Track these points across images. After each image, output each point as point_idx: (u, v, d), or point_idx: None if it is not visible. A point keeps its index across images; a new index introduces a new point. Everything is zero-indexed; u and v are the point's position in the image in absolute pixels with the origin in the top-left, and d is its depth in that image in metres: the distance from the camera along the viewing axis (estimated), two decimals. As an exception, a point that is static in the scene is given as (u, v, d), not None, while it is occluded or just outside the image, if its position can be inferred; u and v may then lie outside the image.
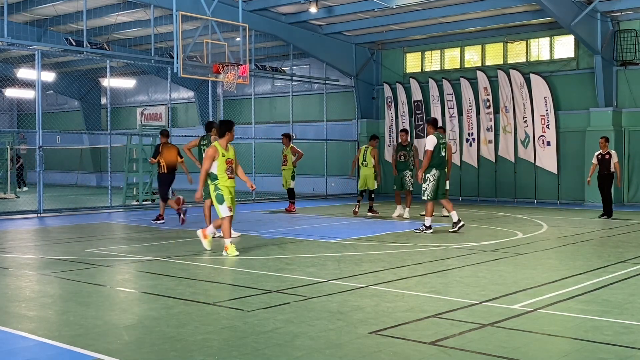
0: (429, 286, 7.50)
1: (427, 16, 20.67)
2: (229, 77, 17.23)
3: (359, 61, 24.59)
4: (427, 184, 12.77)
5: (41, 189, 16.67)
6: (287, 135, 18.17)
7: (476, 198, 22.08)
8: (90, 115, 32.67)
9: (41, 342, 5.34)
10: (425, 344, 5.21)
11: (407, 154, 15.86)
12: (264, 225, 14.50)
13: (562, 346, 5.27)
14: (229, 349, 5.12)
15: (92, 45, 19.52)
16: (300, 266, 8.90)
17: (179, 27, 16.51)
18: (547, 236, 12.29)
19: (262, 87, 27.05)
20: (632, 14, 19.36)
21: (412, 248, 10.68)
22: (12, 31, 19.01)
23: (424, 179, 12.81)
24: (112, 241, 11.90)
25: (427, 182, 12.77)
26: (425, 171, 12.77)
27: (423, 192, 12.84)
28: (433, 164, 12.75)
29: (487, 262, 9.23)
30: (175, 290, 7.31)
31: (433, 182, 12.74)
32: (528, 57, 21.69)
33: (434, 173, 12.74)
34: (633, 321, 5.94)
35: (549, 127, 20.35)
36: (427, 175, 12.76)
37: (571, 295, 7.06)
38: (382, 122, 24.65)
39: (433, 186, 12.73)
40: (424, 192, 12.80)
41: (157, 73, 27.60)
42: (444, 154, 12.89)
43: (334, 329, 5.66)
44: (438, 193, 12.83)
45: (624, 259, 9.44)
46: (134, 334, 5.59)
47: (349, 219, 15.81)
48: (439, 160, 12.79)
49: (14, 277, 8.28)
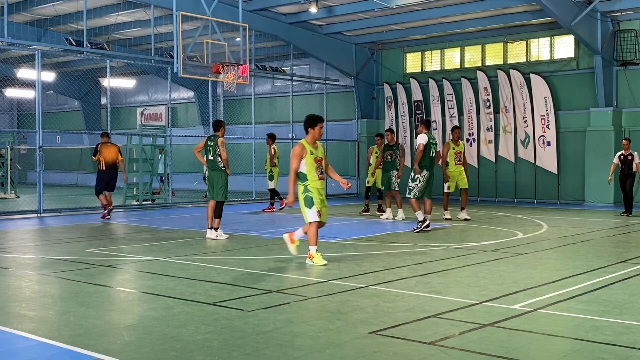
0: (429, 286, 7.50)
1: (427, 16, 20.67)
2: (229, 77, 17.24)
3: (359, 61, 24.59)
4: (415, 183, 12.87)
5: (41, 189, 16.67)
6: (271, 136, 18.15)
7: (476, 198, 22.08)
8: (90, 115, 32.68)
9: (41, 342, 5.34)
10: (425, 344, 5.21)
11: (393, 154, 15.79)
12: (264, 225, 14.50)
13: (562, 346, 5.27)
14: (229, 349, 5.11)
15: (92, 45, 19.53)
16: (301, 266, 8.90)
17: (179, 27, 16.52)
18: (547, 236, 12.29)
19: (262, 87, 27.06)
20: (632, 14, 19.37)
21: (412, 248, 10.67)
22: (12, 31, 19.03)
23: (413, 178, 12.90)
24: (112, 241, 11.89)
25: (416, 181, 12.87)
26: (415, 171, 12.88)
27: (409, 190, 12.94)
28: (423, 165, 12.83)
29: (487, 262, 9.23)
30: (175, 290, 7.31)
31: (422, 183, 12.86)
32: (528, 57, 21.69)
33: (424, 174, 12.85)
34: (633, 321, 5.93)
35: (549, 127, 20.36)
36: (417, 175, 12.85)
37: (571, 295, 7.05)
38: (382, 122, 24.65)
39: (422, 186, 12.87)
40: (411, 190, 12.91)
41: (157, 73, 27.61)
42: (433, 154, 12.99)
43: (334, 329, 5.66)
44: (425, 193, 13.00)
45: (624, 259, 9.44)
46: (134, 334, 5.58)
47: (349, 219, 15.80)
48: (428, 161, 12.89)
49: (14, 277, 8.28)
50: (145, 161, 19.99)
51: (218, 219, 11.88)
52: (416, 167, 12.90)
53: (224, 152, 11.87)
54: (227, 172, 11.99)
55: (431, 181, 13.08)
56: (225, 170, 11.94)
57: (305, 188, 8.96)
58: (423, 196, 13.04)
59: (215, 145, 11.88)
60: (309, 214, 8.96)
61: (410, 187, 12.97)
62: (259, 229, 13.57)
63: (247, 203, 21.08)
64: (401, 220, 15.21)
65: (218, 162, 11.90)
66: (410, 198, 12.98)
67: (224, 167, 11.93)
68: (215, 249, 10.76)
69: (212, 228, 11.91)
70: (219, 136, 12.00)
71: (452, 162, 15.05)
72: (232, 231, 12.87)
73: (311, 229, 9.00)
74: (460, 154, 15.12)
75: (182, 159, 26.28)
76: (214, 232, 11.86)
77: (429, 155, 12.88)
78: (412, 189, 12.91)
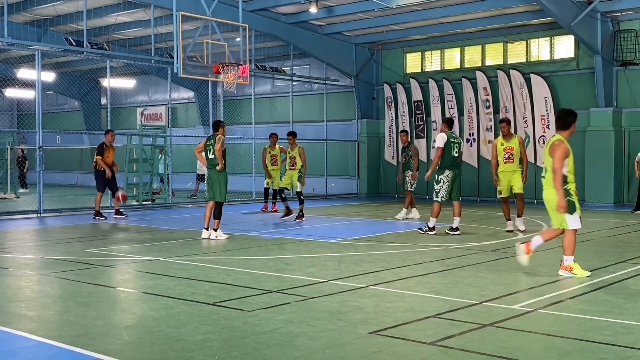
0: (429, 286, 7.50)
1: (427, 16, 20.67)
2: (229, 77, 17.23)
3: (359, 61, 24.59)
4: (440, 185, 12.27)
5: (41, 189, 16.67)
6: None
7: (476, 198, 22.08)
8: (90, 115, 32.68)
9: (41, 342, 5.34)
10: (425, 344, 5.21)
11: (406, 155, 15.76)
12: (264, 225, 14.50)
13: (562, 346, 5.27)
14: (229, 349, 5.11)
15: (92, 45, 19.53)
16: (300, 266, 8.90)
17: (179, 27, 16.52)
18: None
19: (262, 87, 27.06)
20: (632, 14, 19.36)
21: (412, 248, 10.67)
22: (12, 31, 19.02)
23: (437, 180, 12.30)
24: (112, 241, 11.89)
25: (440, 183, 12.27)
26: (438, 172, 12.31)
27: (436, 193, 12.32)
28: (445, 165, 12.26)
29: (487, 262, 9.23)
30: (175, 290, 7.31)
31: (447, 184, 12.25)
32: (528, 57, 21.69)
33: (447, 174, 12.25)
34: (633, 321, 5.93)
35: (549, 127, 20.35)
36: (440, 176, 12.28)
37: (571, 295, 7.06)
38: (382, 122, 24.65)
39: (447, 187, 12.27)
40: (437, 193, 12.29)
41: (157, 73, 27.61)
42: (456, 154, 12.36)
43: (334, 329, 5.66)
44: (452, 195, 12.40)
45: (624, 259, 9.44)
46: (134, 334, 5.58)
47: (349, 219, 15.80)
48: (451, 161, 12.28)
49: (14, 277, 8.28)
50: (145, 161, 19.99)
51: (217, 220, 11.87)
52: (430, 171, 12.40)
53: (217, 144, 11.75)
54: (220, 164, 11.78)
55: (457, 181, 12.46)
56: (224, 170, 11.93)
57: (567, 192, 7.96)
58: (452, 199, 12.43)
59: (214, 144, 11.88)
60: (571, 221, 8.01)
61: (435, 189, 12.36)
62: (259, 229, 13.57)
63: (247, 203, 21.08)
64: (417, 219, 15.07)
65: (217, 161, 11.89)
66: (436, 201, 12.35)
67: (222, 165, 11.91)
68: (215, 249, 10.76)
69: (208, 228, 11.93)
70: (219, 134, 12.03)
71: (502, 160, 12.84)
72: (232, 231, 12.88)
73: (571, 237, 8.08)
74: (511, 150, 12.70)
75: (182, 159, 26.29)
76: (213, 233, 11.86)
77: (451, 154, 12.27)
78: (438, 191, 12.28)
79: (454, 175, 12.37)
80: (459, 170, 12.54)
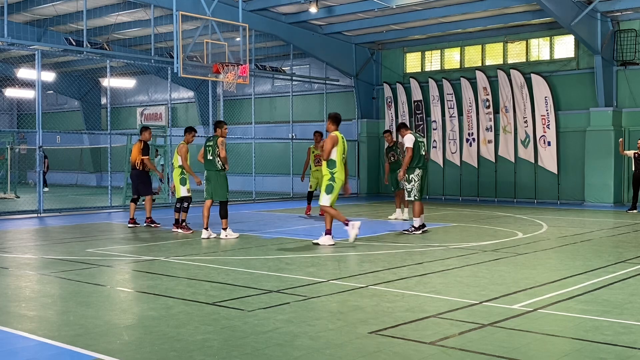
0: (429, 286, 7.50)
1: (427, 16, 20.66)
2: (229, 77, 17.22)
3: (359, 61, 24.59)
4: (412, 184, 12.74)
5: (41, 189, 16.67)
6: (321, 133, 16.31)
7: (476, 198, 22.08)
8: (90, 115, 32.67)
9: (41, 342, 5.34)
10: (425, 344, 5.21)
11: (395, 154, 15.77)
12: (264, 225, 14.50)
13: (562, 346, 5.27)
14: (229, 349, 5.11)
15: (92, 45, 19.53)
16: (300, 266, 8.90)
17: (179, 27, 16.50)
18: (547, 236, 12.28)
19: (262, 87, 27.05)
20: (632, 14, 19.36)
21: (412, 248, 10.67)
22: (12, 31, 19.02)
23: (408, 179, 12.80)
24: (112, 241, 11.89)
25: (411, 182, 12.74)
26: (408, 171, 12.75)
27: (408, 192, 12.82)
28: (415, 164, 12.73)
29: (487, 262, 9.23)
30: (175, 290, 7.31)
31: (418, 182, 12.73)
32: (528, 57, 21.68)
33: (417, 173, 12.74)
34: (633, 321, 5.93)
35: (549, 127, 20.36)
36: (411, 175, 12.75)
37: (571, 295, 7.05)
38: (382, 122, 24.65)
39: (418, 186, 12.74)
40: (409, 192, 12.79)
41: (157, 73, 27.60)
42: (423, 152, 12.89)
43: (334, 329, 5.66)
44: (423, 192, 12.89)
45: (624, 259, 9.44)
46: (134, 334, 5.59)
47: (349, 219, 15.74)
48: (420, 160, 12.80)
49: (14, 277, 8.28)
50: (145, 161, 19.95)
51: (225, 220, 11.94)
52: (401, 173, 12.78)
53: (222, 151, 11.90)
54: (225, 167, 12.01)
55: (425, 180, 12.99)
56: (222, 170, 11.98)
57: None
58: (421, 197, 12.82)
59: (214, 145, 11.92)
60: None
61: (407, 189, 12.88)
62: (259, 229, 13.57)
63: (247, 203, 21.08)
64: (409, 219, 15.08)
65: (217, 162, 11.94)
66: (411, 200, 12.85)
67: (222, 168, 11.95)
68: (215, 249, 10.76)
69: (207, 228, 11.98)
70: (219, 136, 12.04)
71: None
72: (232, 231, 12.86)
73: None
74: None
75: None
76: (222, 232, 11.93)
77: (420, 153, 12.77)
78: (410, 190, 12.79)
79: (423, 174, 12.88)
80: (427, 169, 13.19)
